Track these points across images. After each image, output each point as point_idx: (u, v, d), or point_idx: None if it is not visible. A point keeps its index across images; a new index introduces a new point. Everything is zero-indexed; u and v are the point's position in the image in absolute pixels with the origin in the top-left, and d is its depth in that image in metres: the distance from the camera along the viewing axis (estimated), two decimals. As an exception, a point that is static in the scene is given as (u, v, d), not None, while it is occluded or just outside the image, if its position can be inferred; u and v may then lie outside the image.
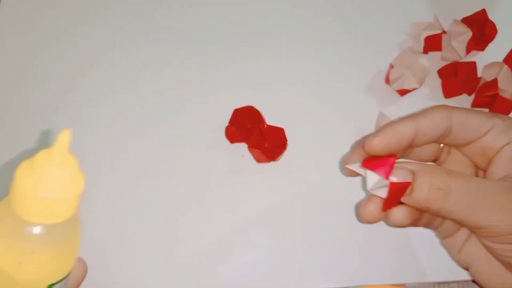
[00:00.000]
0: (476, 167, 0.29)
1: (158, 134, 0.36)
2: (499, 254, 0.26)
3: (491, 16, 0.36)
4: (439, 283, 0.34)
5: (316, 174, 0.35)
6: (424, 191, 0.24)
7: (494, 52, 0.36)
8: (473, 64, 0.36)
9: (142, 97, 0.37)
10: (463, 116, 0.26)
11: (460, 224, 0.27)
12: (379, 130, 0.26)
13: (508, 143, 0.26)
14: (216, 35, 0.38)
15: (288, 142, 0.34)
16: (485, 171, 0.28)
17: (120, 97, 0.37)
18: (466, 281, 0.33)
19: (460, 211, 0.24)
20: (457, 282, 0.33)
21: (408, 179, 0.23)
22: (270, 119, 0.35)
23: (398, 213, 0.25)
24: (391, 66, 0.37)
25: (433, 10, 0.39)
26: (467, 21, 0.37)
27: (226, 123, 0.35)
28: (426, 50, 0.37)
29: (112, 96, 0.37)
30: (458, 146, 0.28)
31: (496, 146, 0.26)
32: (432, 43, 0.37)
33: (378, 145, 0.25)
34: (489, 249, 0.27)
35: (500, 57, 0.36)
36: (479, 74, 0.36)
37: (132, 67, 0.38)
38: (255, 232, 0.34)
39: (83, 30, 0.39)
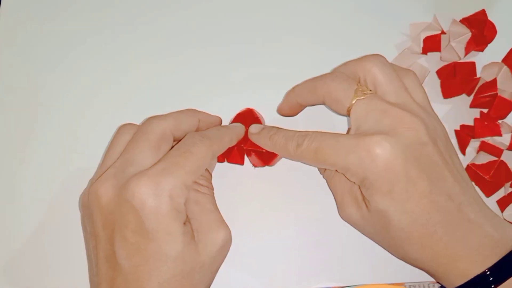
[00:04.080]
0: None
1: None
2: None
3: (491, 17, 0.36)
4: (438, 282, 0.34)
5: (315, 176, 0.35)
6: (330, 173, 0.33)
7: (493, 53, 0.36)
8: (472, 65, 0.36)
9: (142, 101, 0.37)
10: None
11: None
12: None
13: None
14: (216, 37, 0.38)
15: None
16: None
17: (119, 100, 0.37)
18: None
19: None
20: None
21: None
22: (269, 121, 0.35)
23: None
24: (391, 67, 0.37)
25: (432, 10, 0.39)
26: (466, 21, 0.37)
27: (227, 125, 0.35)
28: (425, 51, 0.37)
29: (112, 98, 0.37)
30: None
31: None
32: (431, 44, 0.37)
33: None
34: None
35: (499, 58, 0.36)
36: (478, 74, 0.36)
37: (132, 70, 0.38)
38: (254, 232, 0.34)
39: (83, 30, 0.39)
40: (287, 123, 0.35)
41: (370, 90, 0.30)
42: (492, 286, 0.27)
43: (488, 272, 0.27)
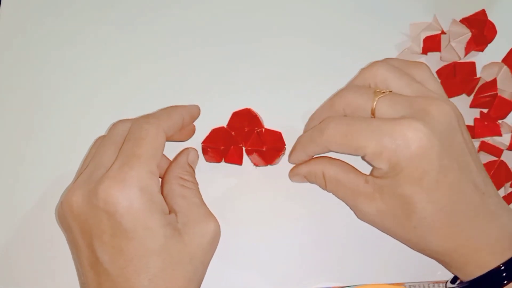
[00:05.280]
0: None
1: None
2: None
3: (491, 17, 0.36)
4: (438, 283, 0.34)
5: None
6: (331, 185, 0.32)
7: (493, 53, 0.36)
8: (472, 65, 0.36)
9: (142, 101, 0.37)
10: None
11: None
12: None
13: None
14: (215, 37, 0.38)
15: (286, 146, 0.34)
16: None
17: (119, 100, 0.37)
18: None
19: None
20: (456, 281, 0.34)
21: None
22: (268, 123, 0.35)
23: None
24: (391, 67, 0.37)
25: (432, 10, 0.39)
26: (466, 21, 0.37)
27: (225, 126, 0.35)
28: (425, 51, 0.37)
29: (112, 98, 0.37)
30: None
31: None
32: (431, 44, 0.37)
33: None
34: None
35: (499, 58, 0.36)
36: (478, 74, 0.36)
37: (132, 70, 0.38)
38: (254, 232, 0.34)
39: (83, 30, 0.39)
40: (292, 130, 0.34)
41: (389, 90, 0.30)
42: (505, 282, 0.27)
43: (502, 267, 0.28)
